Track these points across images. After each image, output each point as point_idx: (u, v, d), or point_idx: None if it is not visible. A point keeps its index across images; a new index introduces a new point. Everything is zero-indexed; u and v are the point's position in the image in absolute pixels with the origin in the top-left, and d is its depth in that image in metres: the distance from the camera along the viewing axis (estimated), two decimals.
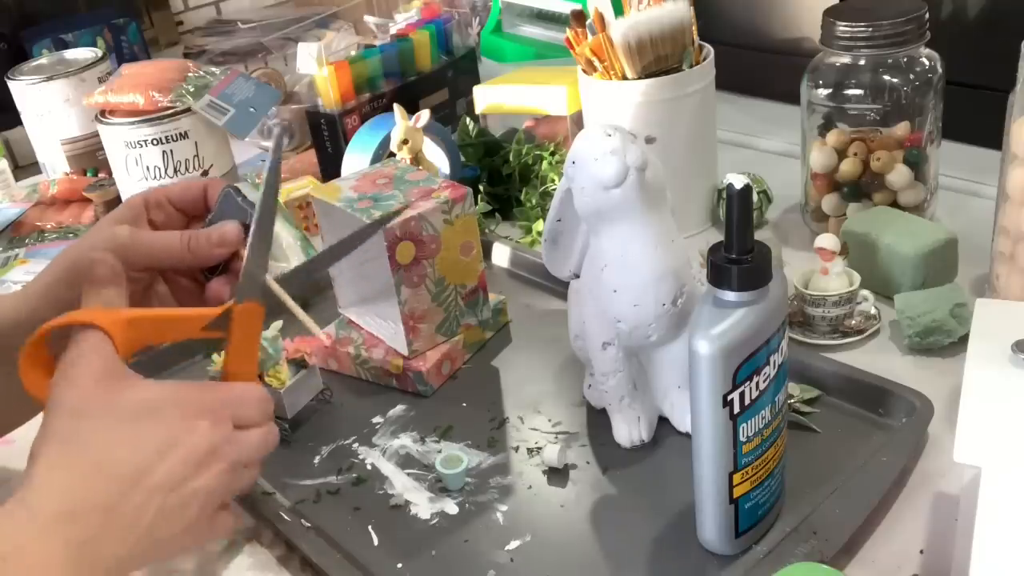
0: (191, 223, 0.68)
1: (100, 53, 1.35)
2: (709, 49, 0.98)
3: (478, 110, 1.20)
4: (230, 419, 0.55)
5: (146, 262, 0.63)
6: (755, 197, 0.98)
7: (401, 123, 1.00)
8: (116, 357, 0.53)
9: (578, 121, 1.09)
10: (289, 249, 1.04)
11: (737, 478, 0.58)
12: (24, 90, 1.29)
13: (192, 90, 1.13)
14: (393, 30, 1.34)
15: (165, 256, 0.64)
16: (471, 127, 1.16)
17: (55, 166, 1.34)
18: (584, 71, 0.99)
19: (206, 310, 0.58)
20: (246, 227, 0.64)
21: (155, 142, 1.12)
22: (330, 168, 1.16)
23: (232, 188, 0.65)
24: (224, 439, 0.54)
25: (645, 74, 0.94)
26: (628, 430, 0.72)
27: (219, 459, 0.53)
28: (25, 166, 1.49)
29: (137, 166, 1.13)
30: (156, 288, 0.67)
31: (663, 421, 0.74)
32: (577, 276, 0.74)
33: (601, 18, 0.94)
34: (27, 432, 0.79)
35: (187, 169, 1.14)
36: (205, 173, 1.16)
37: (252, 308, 0.58)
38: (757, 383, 0.56)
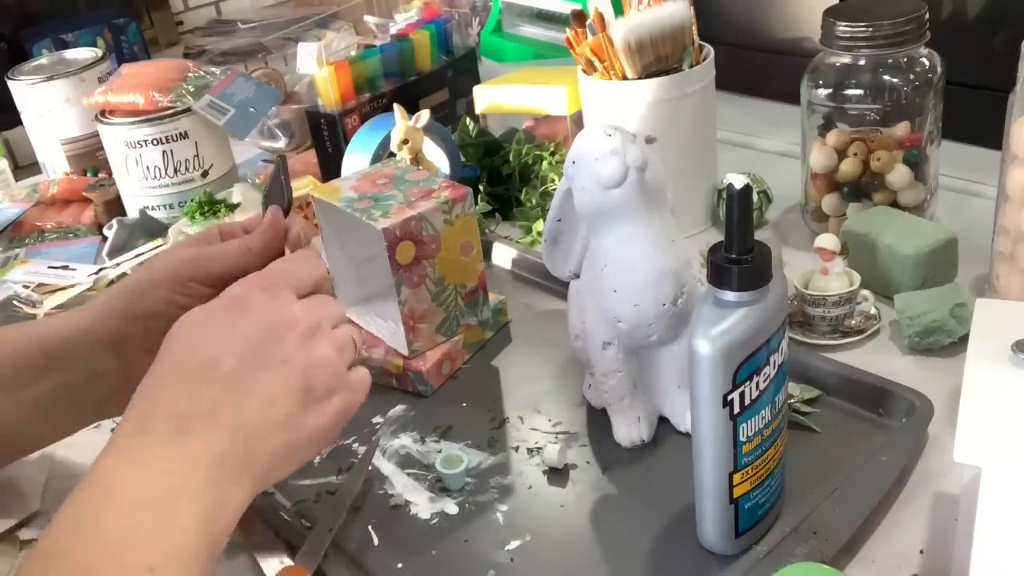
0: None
1: (100, 53, 1.35)
2: (709, 49, 0.98)
3: (478, 110, 1.20)
4: (287, 288, 0.56)
5: (207, 272, 0.64)
6: (755, 197, 0.98)
7: (401, 123, 1.00)
8: None
9: (578, 121, 1.09)
10: None
11: (737, 478, 0.58)
12: (24, 90, 1.29)
13: (192, 90, 1.14)
14: (393, 30, 1.34)
15: (226, 263, 0.64)
16: (471, 127, 1.16)
17: (55, 166, 1.34)
18: (584, 71, 0.99)
19: None
20: (286, 210, 0.66)
21: (155, 142, 1.12)
22: (330, 168, 1.16)
23: (282, 159, 0.68)
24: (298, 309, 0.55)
25: (645, 74, 0.94)
26: (628, 430, 0.72)
27: (303, 326, 0.54)
28: (25, 166, 1.49)
29: (137, 166, 1.13)
30: None
31: (663, 421, 0.74)
32: (577, 276, 0.74)
33: (601, 18, 0.94)
34: None
35: (187, 169, 1.14)
36: (205, 173, 1.16)
37: None
38: (757, 383, 0.56)
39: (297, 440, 0.52)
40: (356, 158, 1.05)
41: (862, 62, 0.90)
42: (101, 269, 1.07)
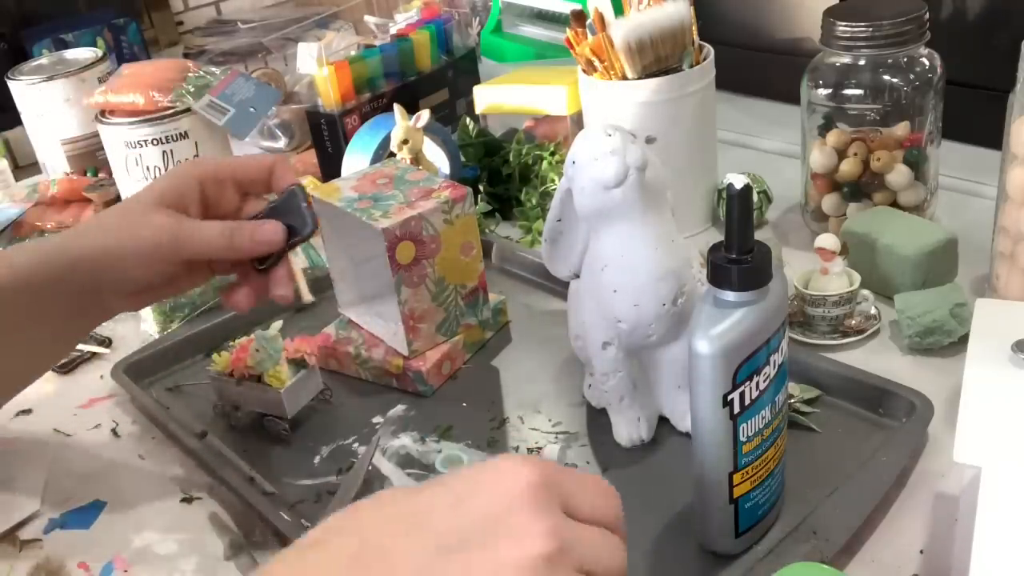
0: (246, 201, 0.67)
1: (100, 53, 1.35)
2: (709, 49, 0.98)
3: (478, 110, 1.20)
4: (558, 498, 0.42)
5: (187, 255, 0.62)
6: (755, 197, 0.98)
7: (401, 123, 1.00)
8: None
9: (578, 121, 1.09)
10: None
11: (737, 478, 0.58)
12: (24, 90, 1.29)
13: (192, 90, 1.13)
14: (393, 30, 1.34)
15: (206, 249, 0.63)
16: (471, 127, 1.16)
17: (55, 166, 1.34)
18: (584, 71, 0.99)
19: None
20: (291, 230, 0.64)
21: (155, 142, 1.12)
22: (330, 168, 1.16)
23: (299, 187, 0.66)
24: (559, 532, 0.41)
25: (645, 74, 0.94)
26: (628, 430, 0.72)
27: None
28: (25, 166, 1.49)
29: (137, 166, 1.13)
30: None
31: (663, 421, 0.74)
32: (577, 276, 0.74)
33: (601, 18, 0.94)
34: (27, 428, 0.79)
35: None
36: None
37: None
38: (757, 383, 0.56)
39: None
40: (356, 158, 1.05)
41: (862, 62, 0.90)
42: None
